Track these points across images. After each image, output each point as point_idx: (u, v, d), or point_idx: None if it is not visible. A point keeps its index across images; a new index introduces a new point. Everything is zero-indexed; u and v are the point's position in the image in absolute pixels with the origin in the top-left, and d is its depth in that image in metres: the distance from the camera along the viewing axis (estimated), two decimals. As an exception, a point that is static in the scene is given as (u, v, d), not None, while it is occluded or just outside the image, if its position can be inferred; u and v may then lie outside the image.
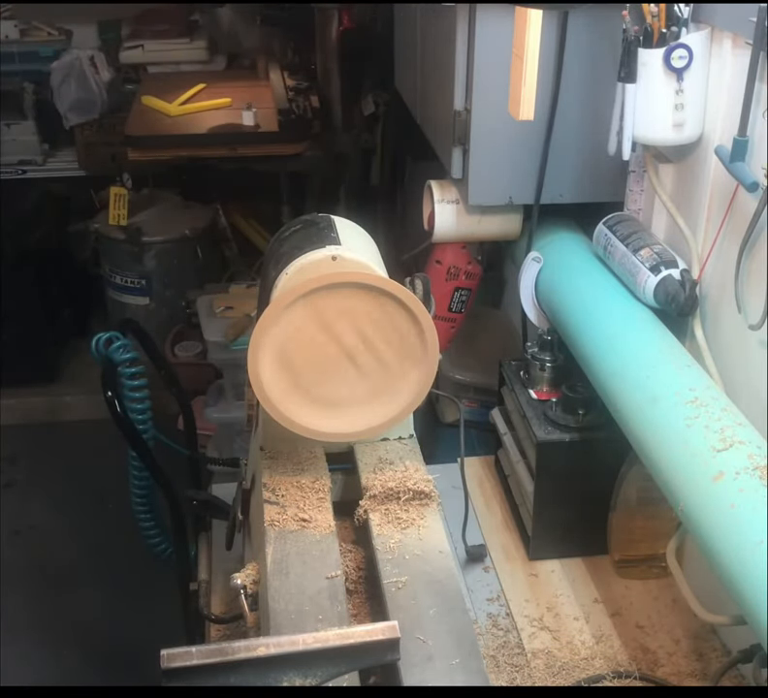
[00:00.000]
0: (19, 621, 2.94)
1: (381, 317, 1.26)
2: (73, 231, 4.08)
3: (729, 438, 1.24)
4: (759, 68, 1.30)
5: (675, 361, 1.45)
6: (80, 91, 3.95)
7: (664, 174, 1.63)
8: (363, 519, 1.34)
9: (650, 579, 1.69)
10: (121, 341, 1.76)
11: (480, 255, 2.13)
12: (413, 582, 1.22)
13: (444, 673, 1.09)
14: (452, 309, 2.17)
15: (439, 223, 1.99)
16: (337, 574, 1.22)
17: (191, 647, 0.95)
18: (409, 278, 1.39)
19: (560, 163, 1.85)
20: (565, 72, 1.75)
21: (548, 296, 1.86)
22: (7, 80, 3.99)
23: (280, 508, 1.33)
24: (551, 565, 1.74)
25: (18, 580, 3.10)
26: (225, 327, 3.01)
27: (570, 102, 1.79)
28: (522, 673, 1.49)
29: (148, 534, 2.12)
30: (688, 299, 1.52)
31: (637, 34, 1.46)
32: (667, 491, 1.31)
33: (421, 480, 1.37)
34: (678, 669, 1.50)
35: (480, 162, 1.85)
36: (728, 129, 1.40)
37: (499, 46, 1.67)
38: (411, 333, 1.28)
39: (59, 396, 3.99)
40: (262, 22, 4.11)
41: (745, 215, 1.36)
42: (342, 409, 1.31)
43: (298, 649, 0.97)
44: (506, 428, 1.91)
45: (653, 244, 1.60)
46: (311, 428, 1.31)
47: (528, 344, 1.84)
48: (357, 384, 1.29)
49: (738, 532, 1.13)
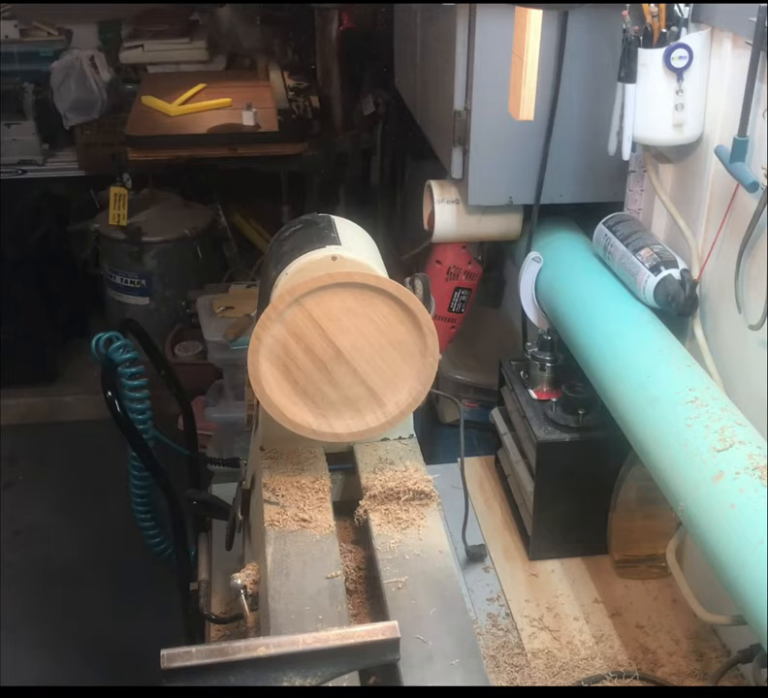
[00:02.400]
0: (20, 621, 2.94)
1: (381, 317, 1.26)
2: (73, 231, 4.08)
3: (729, 438, 1.24)
4: (759, 68, 1.30)
5: (675, 361, 1.45)
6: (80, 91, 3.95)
7: (664, 174, 1.63)
8: (363, 519, 1.34)
9: (650, 579, 1.69)
10: (121, 341, 1.76)
11: (480, 255, 2.14)
12: (413, 582, 1.22)
13: (444, 673, 1.09)
14: (452, 309, 2.17)
15: (439, 223, 1.99)
16: (337, 574, 1.22)
17: (191, 647, 0.95)
18: (409, 278, 1.39)
19: (560, 163, 1.85)
20: (565, 72, 1.75)
21: (548, 296, 1.86)
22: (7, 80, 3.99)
23: (280, 508, 1.33)
24: (551, 565, 1.74)
25: (19, 580, 3.10)
26: (225, 327, 3.01)
27: (570, 102, 1.79)
28: (522, 673, 1.49)
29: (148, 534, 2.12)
30: (687, 299, 1.53)
31: (637, 34, 1.46)
32: (667, 491, 1.31)
33: (421, 480, 1.37)
34: (678, 669, 1.50)
35: (480, 162, 1.85)
36: (728, 129, 1.40)
37: (499, 46, 1.67)
38: (411, 334, 1.28)
39: (59, 396, 3.99)
40: (262, 22, 4.11)
41: (745, 215, 1.36)
42: (342, 409, 1.31)
43: (298, 649, 0.97)
44: (506, 428, 1.91)
45: (653, 244, 1.60)
46: (311, 428, 1.31)
47: (528, 344, 1.84)
48: (357, 384, 1.29)
49: (738, 532, 1.13)
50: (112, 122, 4.00)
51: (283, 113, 3.61)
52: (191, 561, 1.86)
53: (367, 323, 1.26)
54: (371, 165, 3.55)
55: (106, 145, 4.02)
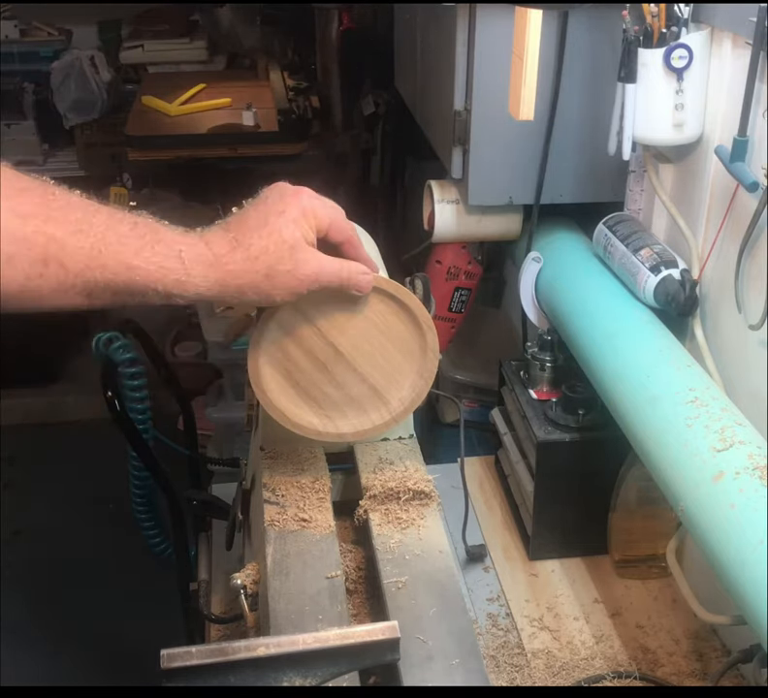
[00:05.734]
0: (19, 621, 2.94)
1: (380, 316, 1.26)
2: (73, 231, 4.08)
3: (729, 438, 1.24)
4: (759, 68, 1.29)
5: (675, 361, 1.44)
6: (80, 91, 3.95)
7: (664, 174, 1.63)
8: (363, 519, 1.34)
9: (650, 579, 1.69)
10: (121, 341, 1.75)
11: (480, 255, 2.14)
12: (413, 582, 1.22)
13: (444, 673, 1.09)
14: (452, 309, 2.17)
15: (439, 223, 1.99)
16: (337, 574, 1.22)
17: (191, 647, 0.95)
18: (409, 278, 1.39)
19: (560, 163, 1.85)
20: (565, 72, 1.75)
21: (548, 296, 1.86)
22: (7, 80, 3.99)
23: (280, 508, 1.33)
24: (551, 565, 1.74)
25: (18, 580, 3.10)
26: (225, 327, 3.01)
27: (570, 102, 1.79)
28: (522, 673, 1.49)
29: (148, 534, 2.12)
30: (687, 299, 1.53)
31: (637, 34, 1.46)
32: (667, 491, 1.31)
33: (421, 480, 1.37)
34: (678, 669, 1.50)
35: (480, 162, 1.85)
36: (728, 129, 1.40)
37: (499, 46, 1.67)
38: (411, 331, 1.28)
39: (59, 396, 3.99)
40: (262, 22, 4.10)
41: (745, 215, 1.36)
42: (342, 409, 1.31)
43: (298, 649, 0.97)
44: (506, 428, 1.91)
45: (653, 244, 1.60)
46: (311, 428, 1.31)
47: (528, 344, 1.84)
48: (357, 384, 1.29)
49: (738, 532, 1.13)
50: (112, 122, 4.00)
51: (283, 113, 3.60)
52: (191, 561, 1.86)
53: (366, 323, 1.26)
54: (371, 165, 3.55)
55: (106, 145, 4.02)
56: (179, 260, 1.03)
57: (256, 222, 1.09)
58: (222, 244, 1.06)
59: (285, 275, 1.09)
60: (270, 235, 1.08)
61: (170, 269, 1.03)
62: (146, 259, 1.02)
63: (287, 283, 1.10)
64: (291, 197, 1.12)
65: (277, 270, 1.08)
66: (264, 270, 1.07)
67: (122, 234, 1.02)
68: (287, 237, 1.08)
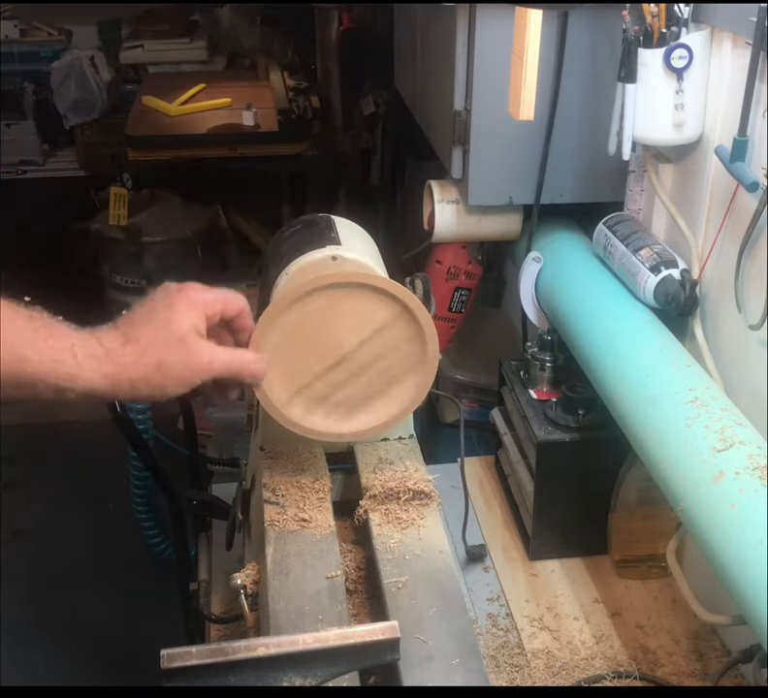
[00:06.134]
0: (19, 621, 2.94)
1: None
2: (73, 231, 4.08)
3: (729, 438, 1.24)
4: (759, 68, 1.29)
5: (675, 361, 1.44)
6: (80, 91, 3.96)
7: (664, 174, 1.63)
8: (363, 519, 1.34)
9: (650, 579, 1.68)
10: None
11: (480, 255, 2.13)
12: (413, 582, 1.22)
13: (444, 673, 1.09)
14: (452, 309, 2.17)
15: (439, 223, 1.99)
16: (337, 574, 1.22)
17: (191, 647, 0.95)
18: (409, 278, 1.39)
19: (560, 163, 1.85)
20: (565, 72, 1.75)
21: (548, 296, 1.86)
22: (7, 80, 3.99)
23: (280, 508, 1.33)
24: (551, 565, 1.74)
25: (18, 580, 3.10)
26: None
27: (570, 102, 1.79)
28: (522, 673, 1.49)
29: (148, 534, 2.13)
30: (687, 299, 1.52)
31: (637, 34, 1.46)
32: (667, 491, 1.31)
33: (421, 480, 1.37)
34: (678, 669, 1.50)
35: (480, 162, 1.85)
36: (728, 129, 1.40)
37: (499, 46, 1.67)
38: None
39: (59, 396, 3.99)
40: (262, 22, 4.11)
41: (745, 215, 1.36)
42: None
43: (298, 649, 0.97)
44: (506, 428, 1.91)
45: (653, 244, 1.60)
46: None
47: (528, 344, 1.84)
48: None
49: (738, 532, 1.13)
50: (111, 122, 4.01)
51: (283, 113, 3.61)
52: (191, 561, 1.86)
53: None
54: (371, 165, 3.55)
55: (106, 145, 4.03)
56: (72, 353, 1.03)
57: (144, 318, 1.10)
58: (112, 339, 1.07)
59: (177, 366, 1.09)
60: (157, 328, 1.09)
61: (61, 362, 1.03)
62: (39, 351, 1.02)
63: (179, 374, 1.09)
64: (177, 292, 1.13)
65: (168, 362, 1.08)
66: (154, 363, 1.07)
67: (17, 326, 1.03)
68: (175, 329, 1.09)
